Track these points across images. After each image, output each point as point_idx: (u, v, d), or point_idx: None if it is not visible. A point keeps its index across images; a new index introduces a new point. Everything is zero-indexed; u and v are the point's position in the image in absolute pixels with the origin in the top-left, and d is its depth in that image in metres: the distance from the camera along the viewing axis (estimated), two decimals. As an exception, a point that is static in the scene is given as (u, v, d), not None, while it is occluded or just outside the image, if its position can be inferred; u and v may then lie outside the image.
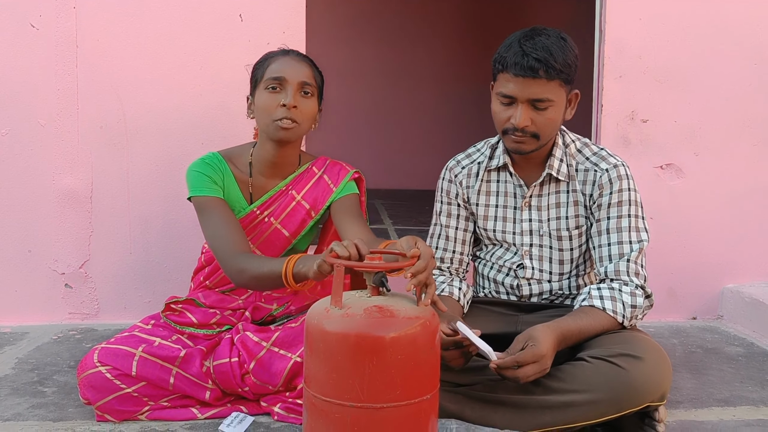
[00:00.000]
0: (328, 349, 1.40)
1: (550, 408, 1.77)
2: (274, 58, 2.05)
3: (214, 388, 1.92)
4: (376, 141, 6.80)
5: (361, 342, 1.37)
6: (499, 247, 2.15)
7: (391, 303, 1.45)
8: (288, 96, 1.98)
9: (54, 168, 2.76)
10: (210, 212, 2.00)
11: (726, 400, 2.17)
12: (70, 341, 2.61)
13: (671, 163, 3.01)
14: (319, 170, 2.16)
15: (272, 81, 2.00)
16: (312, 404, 1.44)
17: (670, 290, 3.06)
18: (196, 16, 2.76)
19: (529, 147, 1.94)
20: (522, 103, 1.87)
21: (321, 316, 1.43)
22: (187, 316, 2.08)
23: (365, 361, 1.37)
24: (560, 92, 1.90)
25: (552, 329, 1.77)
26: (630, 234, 1.96)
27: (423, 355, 1.43)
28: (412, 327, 1.41)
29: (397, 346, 1.38)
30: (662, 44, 2.96)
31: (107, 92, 2.75)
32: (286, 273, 1.74)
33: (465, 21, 6.83)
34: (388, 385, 1.38)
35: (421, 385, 1.43)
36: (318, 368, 1.42)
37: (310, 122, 2.06)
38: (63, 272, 2.80)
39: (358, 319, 1.39)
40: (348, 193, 2.13)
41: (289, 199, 2.12)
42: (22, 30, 2.70)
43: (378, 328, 1.38)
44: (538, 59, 1.83)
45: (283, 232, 2.13)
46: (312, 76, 2.04)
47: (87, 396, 1.87)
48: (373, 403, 1.37)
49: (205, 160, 2.08)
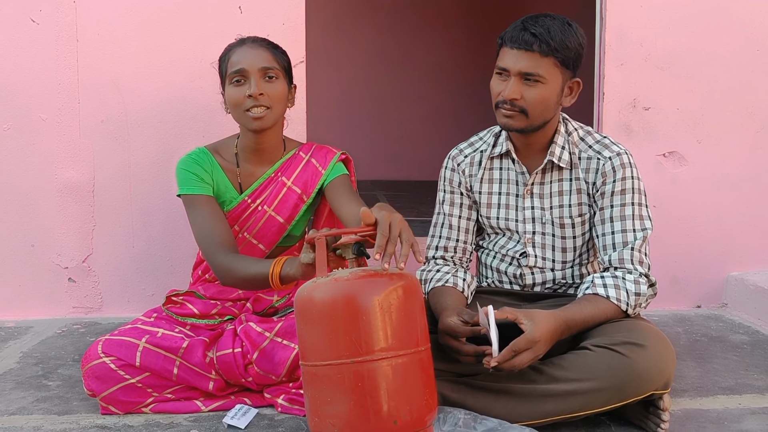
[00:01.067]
0: (322, 313, 1.46)
1: (553, 397, 1.77)
2: (233, 50, 2.08)
3: (218, 378, 1.93)
4: (377, 131, 6.79)
5: (354, 298, 1.44)
6: (502, 236, 2.14)
7: (372, 270, 1.52)
8: (252, 86, 2.00)
9: (56, 162, 2.76)
10: (197, 209, 2.04)
11: (731, 388, 2.16)
12: (74, 335, 2.61)
13: (674, 151, 3.00)
14: (306, 154, 2.18)
15: (234, 75, 2.02)
16: (312, 375, 1.48)
17: (674, 278, 3.05)
18: (195, 8, 2.75)
19: (517, 123, 1.94)
20: (514, 76, 1.90)
21: (310, 288, 1.50)
22: (189, 307, 2.08)
23: (359, 315, 1.43)
24: (554, 72, 1.90)
25: (555, 316, 1.77)
26: (634, 222, 1.95)
27: (412, 307, 1.51)
28: (399, 281, 1.49)
29: (389, 298, 1.46)
30: (663, 31, 2.94)
31: (108, 86, 2.75)
32: (272, 275, 1.78)
33: (466, 10, 6.81)
34: (383, 336, 1.44)
35: (413, 337, 1.50)
36: (313, 336, 1.48)
37: (282, 104, 2.08)
38: (66, 266, 2.81)
39: (345, 281, 1.47)
40: (338, 174, 2.15)
41: (279, 185, 2.14)
42: (22, 25, 2.70)
43: (367, 285, 1.46)
44: (534, 34, 1.87)
45: (278, 219, 2.14)
46: (272, 59, 2.05)
47: (91, 387, 1.87)
48: (371, 356, 1.43)
49: (192, 156, 2.11)
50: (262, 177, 2.15)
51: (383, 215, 1.52)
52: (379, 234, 1.50)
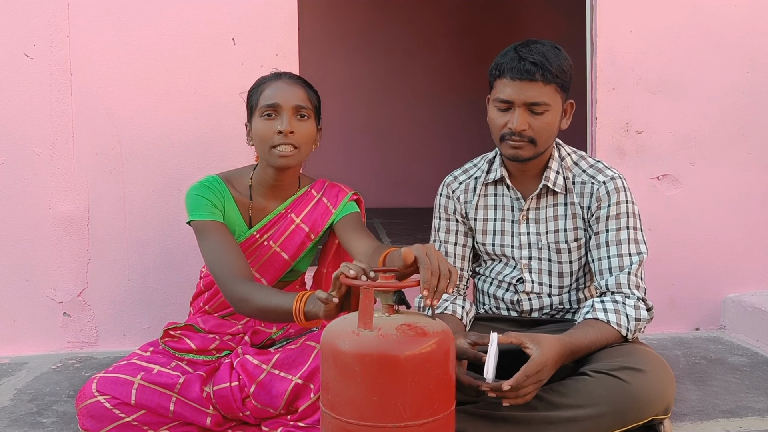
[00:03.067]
0: (369, 373, 1.40)
1: (554, 424, 1.75)
2: (267, 83, 2.04)
3: (215, 413, 1.90)
4: (372, 157, 6.80)
5: (405, 361, 1.40)
6: (498, 262, 2.14)
7: (413, 320, 1.48)
8: (284, 122, 1.97)
9: (50, 196, 2.76)
10: (210, 236, 1.98)
11: (731, 411, 2.15)
12: (69, 370, 2.59)
13: (667, 174, 3.01)
14: (318, 193, 2.16)
15: (267, 108, 1.99)
16: (343, 430, 1.43)
17: (672, 301, 3.05)
18: (189, 40, 2.77)
19: (526, 153, 1.94)
20: (519, 107, 1.89)
21: (353, 340, 1.43)
22: (186, 342, 2.06)
23: (409, 378, 1.40)
24: (556, 98, 1.92)
25: (560, 340, 1.76)
26: (629, 246, 1.96)
27: (452, 367, 1.50)
28: (443, 337, 1.46)
29: (437, 359, 1.43)
30: (654, 55, 2.97)
31: (102, 118, 2.75)
32: (297, 311, 1.71)
33: (459, 35, 6.86)
34: (428, 400, 1.42)
35: (451, 396, 1.50)
36: (352, 392, 1.42)
37: (309, 145, 2.05)
38: (61, 301, 2.79)
39: (395, 340, 1.42)
40: (349, 212, 2.13)
41: (288, 222, 2.11)
42: (16, 60, 2.71)
43: (417, 345, 1.42)
44: (535, 62, 1.86)
45: (283, 255, 2.12)
46: (306, 98, 2.03)
47: (86, 426, 1.84)
48: (416, 420, 1.41)
49: (205, 184, 2.07)
50: (273, 213, 2.11)
51: (421, 250, 1.50)
52: (426, 269, 1.47)
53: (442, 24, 6.85)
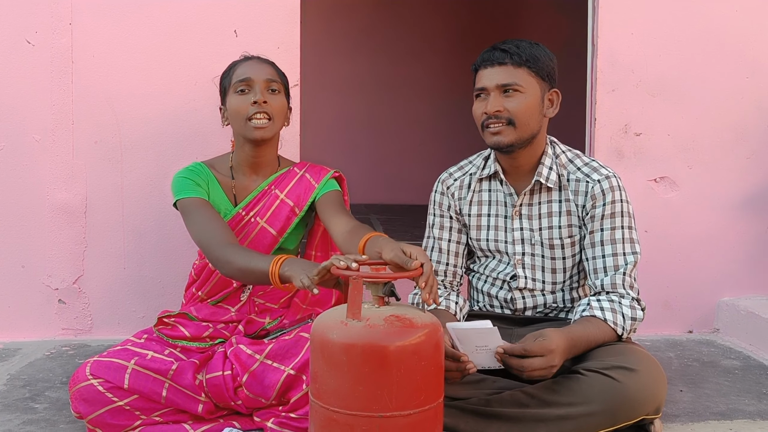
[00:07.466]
0: (356, 363, 1.42)
1: (545, 421, 1.76)
2: (238, 64, 2.17)
3: (207, 401, 1.91)
4: (370, 154, 6.80)
5: (393, 352, 1.41)
6: (492, 259, 2.15)
7: (402, 312, 1.50)
8: (257, 93, 2.08)
9: (48, 183, 2.76)
10: (196, 211, 2.05)
11: (723, 413, 2.16)
12: (62, 357, 2.59)
13: (665, 176, 3.02)
14: (301, 170, 2.24)
15: (240, 84, 2.10)
16: (329, 420, 1.45)
17: (666, 303, 3.05)
18: (191, 31, 2.77)
19: (507, 137, 1.95)
20: (493, 91, 1.96)
21: (340, 330, 1.45)
22: (180, 329, 2.07)
23: (395, 369, 1.41)
24: (530, 81, 1.96)
25: (564, 333, 1.77)
26: (624, 246, 1.96)
27: (440, 358, 1.51)
28: (431, 329, 1.47)
29: (425, 351, 1.44)
30: (655, 58, 2.97)
31: (102, 107, 2.76)
32: (272, 273, 1.76)
33: (460, 34, 6.86)
34: (414, 390, 1.43)
35: (439, 388, 1.51)
36: (338, 382, 1.43)
37: (282, 118, 2.16)
38: (56, 288, 2.79)
39: (383, 331, 1.43)
40: (330, 189, 2.20)
41: (272, 197, 2.18)
42: (18, 46, 2.71)
43: (405, 336, 1.43)
44: (504, 49, 1.96)
45: (270, 231, 2.16)
46: (276, 74, 2.16)
47: (79, 409, 1.85)
48: (402, 411, 1.42)
49: (188, 168, 2.18)
50: (256, 190, 2.19)
51: (424, 255, 1.58)
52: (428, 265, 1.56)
53: (444, 24, 6.85)
